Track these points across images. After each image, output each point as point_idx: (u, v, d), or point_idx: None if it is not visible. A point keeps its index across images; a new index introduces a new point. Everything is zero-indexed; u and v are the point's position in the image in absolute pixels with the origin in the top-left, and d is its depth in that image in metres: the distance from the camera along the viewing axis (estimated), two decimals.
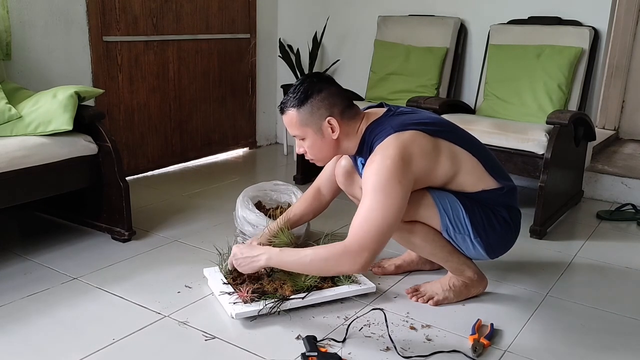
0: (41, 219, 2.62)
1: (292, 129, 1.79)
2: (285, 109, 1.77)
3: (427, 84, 3.25)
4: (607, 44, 3.07)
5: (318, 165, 1.95)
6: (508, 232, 1.89)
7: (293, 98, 1.75)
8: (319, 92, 1.74)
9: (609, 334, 1.79)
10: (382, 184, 1.62)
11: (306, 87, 1.75)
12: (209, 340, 1.68)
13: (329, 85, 1.78)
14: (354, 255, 1.61)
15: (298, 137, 1.80)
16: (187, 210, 2.80)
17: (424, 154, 1.70)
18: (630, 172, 3.18)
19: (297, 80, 1.80)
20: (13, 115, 2.18)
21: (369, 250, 1.61)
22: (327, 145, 1.79)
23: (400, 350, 1.64)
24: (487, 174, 1.83)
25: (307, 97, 1.73)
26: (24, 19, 2.69)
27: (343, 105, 1.77)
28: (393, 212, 1.62)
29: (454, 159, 1.77)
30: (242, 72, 3.92)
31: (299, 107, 1.74)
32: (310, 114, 1.74)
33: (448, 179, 1.78)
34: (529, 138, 2.56)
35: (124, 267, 2.15)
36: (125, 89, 3.21)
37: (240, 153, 4.06)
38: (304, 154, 1.84)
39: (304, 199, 2.18)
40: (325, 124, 1.74)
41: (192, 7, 3.48)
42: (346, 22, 3.83)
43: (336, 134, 1.76)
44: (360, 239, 1.61)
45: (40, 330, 1.72)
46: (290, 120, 1.77)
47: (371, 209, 1.62)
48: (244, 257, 1.80)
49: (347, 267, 1.65)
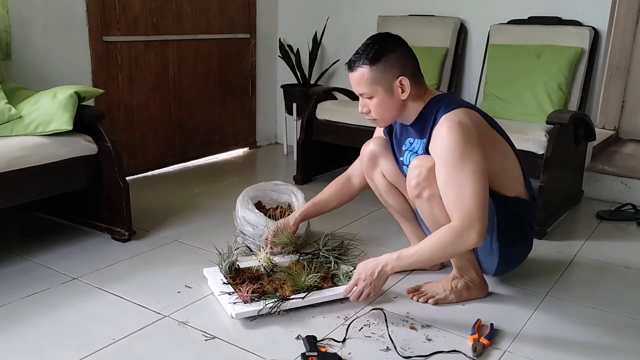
0: (41, 219, 2.62)
1: (361, 86, 1.76)
2: (356, 66, 1.74)
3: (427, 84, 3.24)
4: (607, 44, 3.07)
5: (379, 126, 1.95)
6: (524, 251, 1.96)
7: (366, 55, 1.73)
8: (394, 51, 1.74)
9: (608, 334, 1.78)
10: (460, 151, 1.63)
11: (380, 44, 1.73)
12: (209, 340, 1.68)
13: (402, 45, 1.78)
14: (467, 232, 1.62)
15: (365, 95, 1.77)
16: (187, 210, 2.79)
17: (486, 136, 1.73)
18: (630, 172, 3.18)
19: (368, 39, 1.78)
20: (13, 115, 2.18)
21: (478, 220, 1.62)
22: (394, 105, 1.77)
23: (400, 350, 1.64)
24: (524, 184, 1.88)
25: (382, 55, 1.72)
26: (24, 19, 2.69)
27: (414, 68, 1.78)
28: (479, 176, 1.64)
29: (504, 156, 1.81)
30: (242, 72, 3.92)
31: (372, 64, 1.72)
32: (383, 71, 1.73)
33: (494, 172, 1.77)
34: (529, 138, 2.56)
35: (124, 267, 2.15)
36: (125, 89, 3.21)
37: (240, 153, 4.06)
38: (367, 113, 1.81)
39: (334, 184, 2.17)
40: (397, 83, 1.74)
41: (192, 7, 3.48)
42: (346, 22, 3.83)
43: (406, 94, 1.75)
44: (464, 215, 1.63)
45: (40, 330, 1.72)
46: (361, 77, 1.74)
47: (458, 181, 1.64)
48: (374, 279, 1.73)
49: (467, 245, 1.67)
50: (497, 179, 1.79)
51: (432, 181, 1.73)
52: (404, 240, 2.27)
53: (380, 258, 1.75)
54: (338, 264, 2.07)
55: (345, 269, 2.01)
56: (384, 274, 1.74)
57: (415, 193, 1.79)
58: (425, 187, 1.76)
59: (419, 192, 1.78)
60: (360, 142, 2.10)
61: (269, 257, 2.03)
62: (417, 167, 1.77)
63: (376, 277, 1.73)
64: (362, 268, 1.77)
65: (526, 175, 1.90)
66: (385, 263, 1.73)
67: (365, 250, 2.28)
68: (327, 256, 2.09)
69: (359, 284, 1.76)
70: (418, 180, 1.76)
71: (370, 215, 2.71)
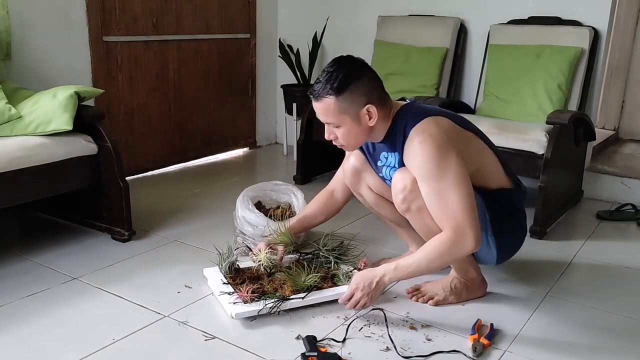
0: (41, 219, 2.62)
1: (327, 116, 1.71)
2: (321, 96, 1.68)
3: (427, 84, 3.25)
4: (607, 44, 3.07)
5: (347, 151, 1.93)
6: (521, 238, 1.95)
7: (331, 85, 1.66)
8: (359, 78, 1.68)
9: (608, 334, 1.78)
10: (436, 162, 1.62)
11: (345, 72, 1.67)
12: (209, 340, 1.68)
13: (367, 70, 1.73)
14: (462, 240, 1.63)
15: (332, 124, 1.73)
16: (187, 210, 2.79)
17: (459, 140, 1.72)
18: (630, 172, 3.18)
19: (330, 64, 1.70)
20: (13, 115, 2.18)
21: (470, 227, 1.62)
22: (361, 132, 1.74)
23: (400, 350, 1.64)
24: (504, 173, 1.88)
25: (347, 84, 1.66)
26: (24, 19, 2.69)
27: (380, 91, 1.74)
28: (461, 182, 1.63)
29: (480, 152, 1.81)
30: (242, 72, 3.92)
31: (337, 95, 1.66)
32: (350, 101, 1.67)
33: (473, 170, 1.76)
34: (529, 138, 2.56)
35: (124, 267, 2.15)
36: (125, 89, 3.21)
37: (240, 153, 4.06)
38: (334, 139, 1.78)
39: (317, 200, 2.16)
40: (363, 111, 1.69)
41: (192, 7, 3.48)
42: (346, 22, 3.82)
43: (373, 121, 1.71)
44: (455, 224, 1.62)
45: (40, 330, 1.71)
46: (327, 108, 1.69)
47: (441, 193, 1.63)
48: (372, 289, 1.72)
49: (464, 252, 1.67)
50: (477, 175, 1.79)
51: (417, 193, 1.72)
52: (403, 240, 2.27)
53: (377, 269, 1.75)
54: (338, 264, 2.07)
55: (345, 269, 2.01)
56: (382, 285, 1.73)
57: (404, 208, 1.79)
58: (413, 200, 1.75)
59: (407, 207, 1.78)
60: None
61: (268, 257, 2.02)
62: (400, 180, 1.75)
63: (374, 288, 1.73)
64: (360, 278, 1.75)
65: (505, 164, 1.89)
66: (384, 274, 1.72)
67: (365, 250, 2.28)
68: (327, 256, 2.09)
69: (357, 293, 1.74)
70: (404, 194, 1.75)
71: (370, 215, 2.70)
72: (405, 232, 2.12)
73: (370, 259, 2.17)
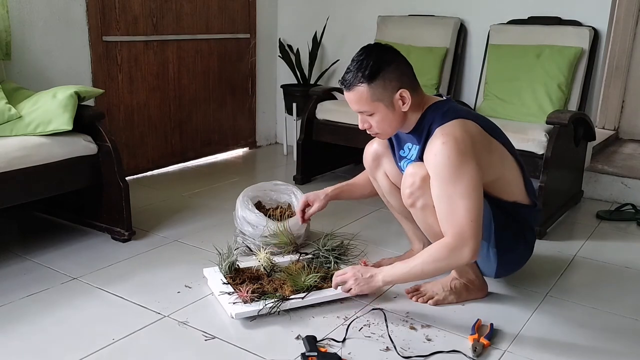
0: (41, 219, 2.62)
1: (360, 105, 1.70)
2: (353, 85, 1.67)
3: (427, 84, 3.25)
4: (607, 44, 3.07)
5: (381, 139, 1.92)
6: (524, 256, 1.95)
7: (362, 73, 1.65)
8: (389, 64, 1.67)
9: (608, 334, 1.78)
10: (454, 167, 1.61)
11: (375, 59, 1.66)
12: (209, 340, 1.68)
13: (397, 56, 1.72)
14: (460, 249, 1.62)
15: (366, 113, 1.72)
16: (187, 210, 2.80)
17: (483, 146, 1.70)
18: (630, 172, 3.18)
19: (359, 52, 1.70)
20: (13, 115, 2.18)
21: (471, 237, 1.61)
22: (396, 119, 1.73)
23: (400, 350, 1.64)
24: (524, 188, 1.86)
25: (379, 70, 1.65)
26: (24, 19, 2.69)
27: (411, 77, 1.73)
28: (473, 191, 1.61)
29: (502, 162, 1.79)
30: (242, 72, 3.92)
31: (370, 82, 1.65)
32: (382, 87, 1.66)
33: (492, 180, 1.75)
34: (529, 138, 2.56)
35: (123, 267, 2.15)
36: (125, 89, 3.21)
37: (240, 153, 4.06)
38: (368, 129, 1.77)
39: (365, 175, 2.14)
40: (397, 96, 1.68)
41: (192, 7, 3.48)
42: (346, 22, 3.82)
43: (407, 106, 1.70)
44: (457, 232, 1.61)
45: (40, 330, 1.71)
46: (360, 96, 1.68)
47: (451, 197, 1.62)
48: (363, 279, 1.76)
49: (459, 262, 1.67)
50: (494, 185, 1.78)
51: (425, 190, 1.72)
52: (404, 240, 2.27)
53: (376, 269, 1.78)
54: (338, 264, 2.07)
55: None
56: (376, 281, 1.75)
57: (409, 202, 1.79)
58: (419, 197, 1.75)
59: (412, 202, 1.78)
60: (360, 142, 2.10)
61: (268, 257, 2.03)
62: (411, 175, 1.75)
63: (366, 278, 1.76)
64: (361, 268, 1.80)
65: (528, 181, 1.88)
66: (380, 272, 1.75)
67: (365, 250, 2.28)
68: (327, 256, 2.09)
69: (349, 273, 1.78)
70: (412, 189, 1.75)
71: (370, 215, 2.71)
72: (410, 226, 2.12)
73: (370, 259, 2.17)
